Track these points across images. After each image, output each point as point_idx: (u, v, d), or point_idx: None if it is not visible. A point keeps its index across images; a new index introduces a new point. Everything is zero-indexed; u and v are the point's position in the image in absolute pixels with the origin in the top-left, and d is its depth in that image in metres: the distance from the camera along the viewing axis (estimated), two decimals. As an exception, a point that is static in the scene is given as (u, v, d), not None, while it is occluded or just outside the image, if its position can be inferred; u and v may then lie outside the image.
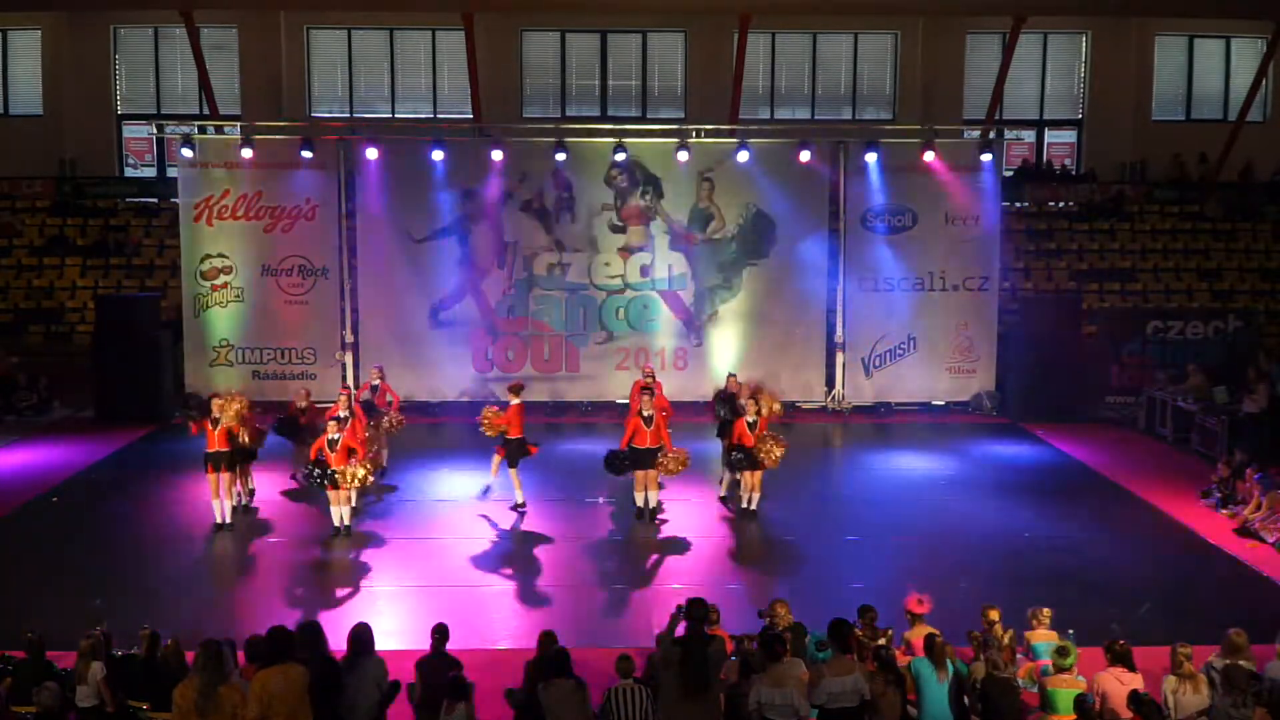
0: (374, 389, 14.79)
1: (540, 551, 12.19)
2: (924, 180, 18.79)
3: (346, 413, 12.82)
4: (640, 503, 13.09)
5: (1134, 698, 7.31)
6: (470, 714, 7.45)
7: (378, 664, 7.75)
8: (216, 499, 12.57)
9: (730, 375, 14.86)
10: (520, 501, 13.37)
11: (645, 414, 12.77)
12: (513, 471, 13.26)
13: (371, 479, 12.70)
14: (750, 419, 12.86)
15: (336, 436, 12.14)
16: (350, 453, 12.20)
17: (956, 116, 23.05)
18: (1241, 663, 7.83)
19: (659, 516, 13.14)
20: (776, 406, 13.68)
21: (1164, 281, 21.81)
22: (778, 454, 12.81)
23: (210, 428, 12.53)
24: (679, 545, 12.43)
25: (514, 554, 12.14)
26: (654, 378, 14.70)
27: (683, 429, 14.50)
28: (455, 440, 16.63)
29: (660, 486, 13.34)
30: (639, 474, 12.96)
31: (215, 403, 12.74)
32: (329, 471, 12.03)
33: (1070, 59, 24.27)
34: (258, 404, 14.31)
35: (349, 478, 12.06)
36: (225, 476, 12.57)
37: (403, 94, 23.75)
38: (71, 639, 8.17)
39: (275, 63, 23.25)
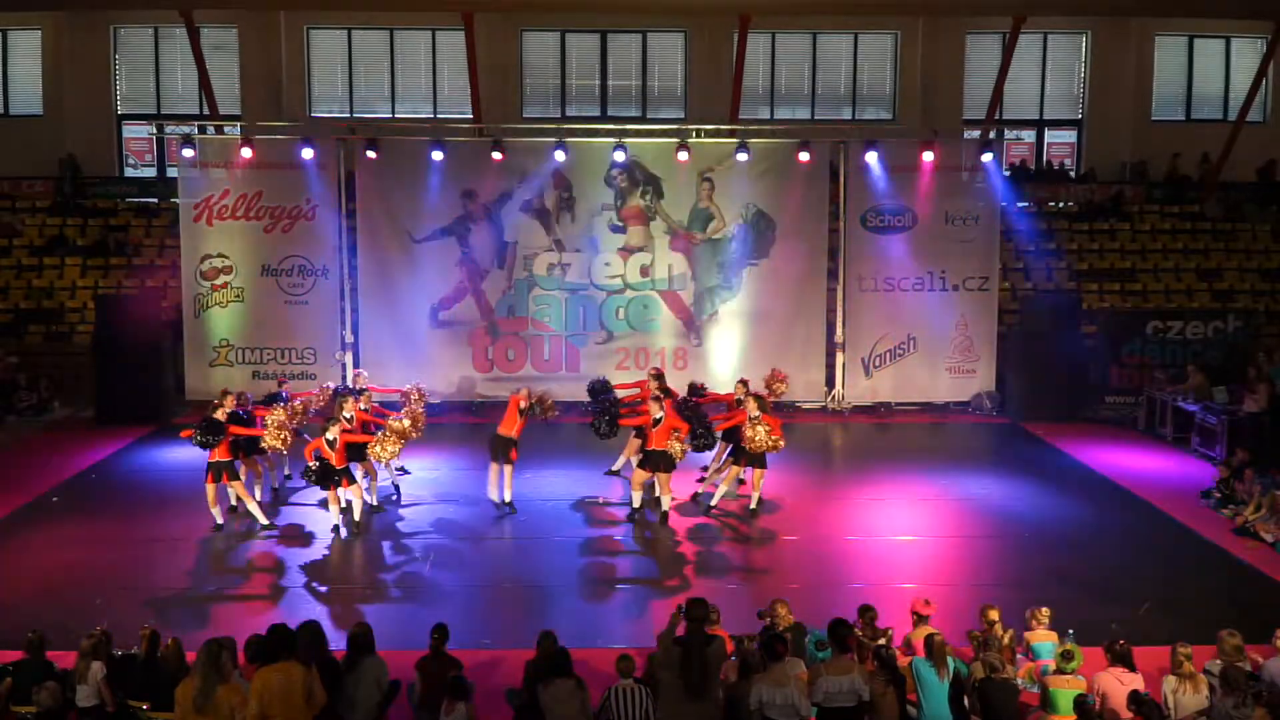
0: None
1: (540, 551, 12.19)
2: (924, 180, 18.79)
3: (351, 414, 12.85)
4: (636, 504, 13.09)
5: (1134, 698, 7.31)
6: (470, 714, 7.46)
7: (378, 664, 7.76)
8: (215, 506, 12.61)
9: (740, 381, 14.26)
10: (506, 500, 13.30)
11: (656, 416, 12.75)
12: (507, 469, 13.24)
13: (394, 456, 12.70)
14: (753, 414, 12.84)
15: (334, 436, 12.16)
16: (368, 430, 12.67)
17: (956, 116, 23.04)
18: (1238, 663, 7.84)
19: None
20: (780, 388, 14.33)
21: (1164, 281, 21.80)
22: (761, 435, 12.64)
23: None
24: (679, 545, 12.43)
25: (514, 554, 12.14)
26: (661, 379, 14.46)
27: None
28: (455, 440, 16.61)
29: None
30: (641, 473, 12.95)
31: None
32: (331, 470, 12.06)
33: (1070, 59, 24.26)
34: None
35: (379, 452, 12.30)
36: (228, 484, 12.71)
37: (403, 94, 23.74)
38: (71, 639, 8.18)
39: (275, 63, 23.24)
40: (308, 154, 18.30)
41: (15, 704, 7.86)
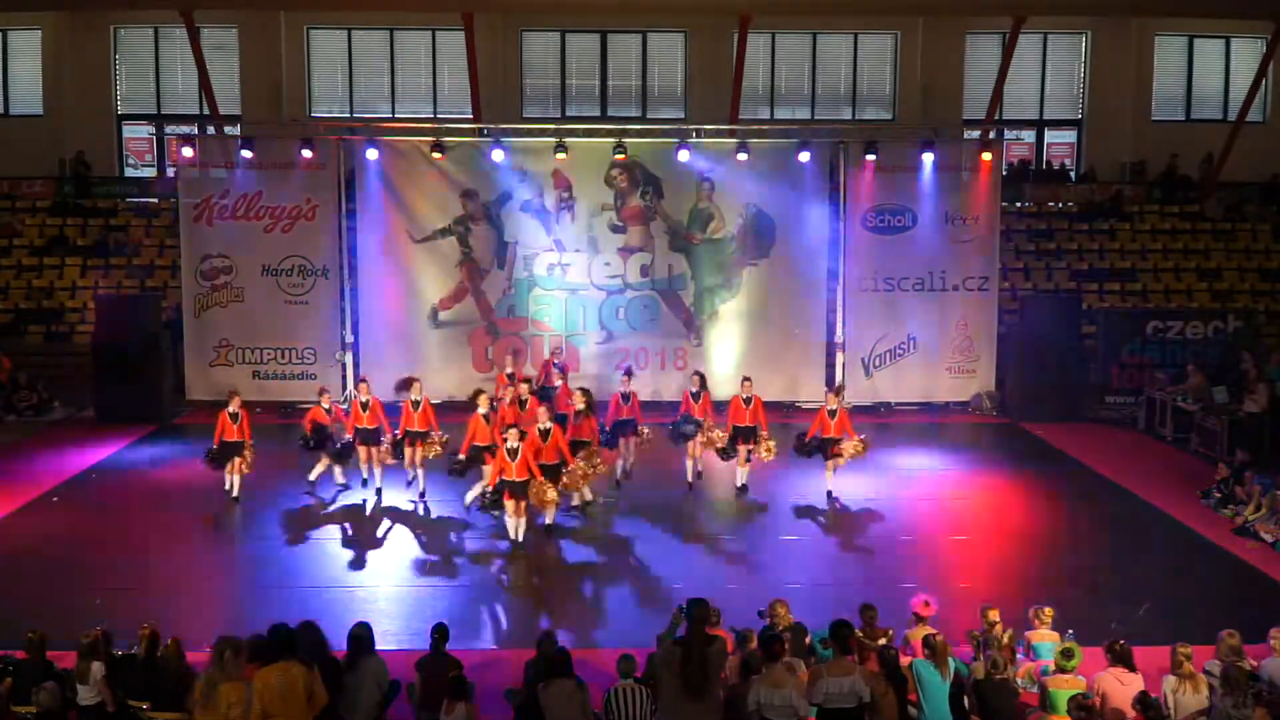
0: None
1: (540, 551, 12.18)
2: (924, 180, 18.78)
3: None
4: (578, 500, 13.13)
5: (1142, 699, 7.27)
6: (470, 714, 7.46)
7: (378, 664, 7.76)
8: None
9: (745, 380, 14.48)
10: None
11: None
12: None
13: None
14: (579, 407, 13.15)
15: (515, 446, 11.90)
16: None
17: (956, 116, 23.04)
18: (1238, 663, 7.84)
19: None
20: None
21: (1164, 281, 21.81)
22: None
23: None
24: (679, 546, 12.43)
25: (514, 554, 12.12)
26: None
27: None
28: (455, 440, 16.56)
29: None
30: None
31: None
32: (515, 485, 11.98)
33: (1070, 59, 24.26)
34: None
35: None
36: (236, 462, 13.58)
37: (403, 94, 23.75)
38: (72, 639, 8.18)
39: (275, 63, 23.24)
40: (308, 154, 18.30)
41: (15, 704, 7.85)
